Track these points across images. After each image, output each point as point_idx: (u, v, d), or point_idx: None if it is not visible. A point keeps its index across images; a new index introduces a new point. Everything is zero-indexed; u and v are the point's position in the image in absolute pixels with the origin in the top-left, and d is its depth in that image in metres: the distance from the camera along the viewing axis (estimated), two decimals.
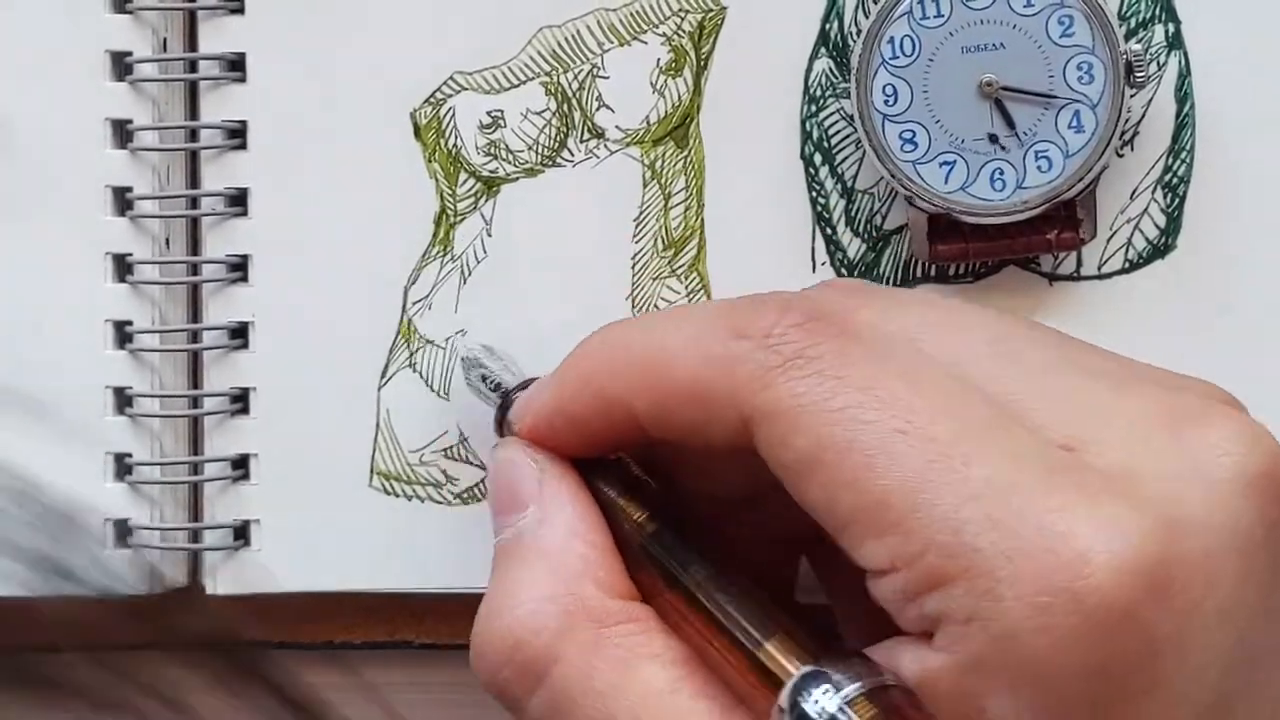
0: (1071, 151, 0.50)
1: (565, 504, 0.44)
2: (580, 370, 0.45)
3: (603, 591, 0.43)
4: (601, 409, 0.44)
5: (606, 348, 0.45)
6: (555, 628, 0.42)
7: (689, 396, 0.41)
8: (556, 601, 0.43)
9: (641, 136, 0.53)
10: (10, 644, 0.55)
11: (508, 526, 0.45)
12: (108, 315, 0.53)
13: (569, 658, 0.42)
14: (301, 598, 0.54)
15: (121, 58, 0.53)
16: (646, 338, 0.43)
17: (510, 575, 0.44)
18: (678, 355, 0.42)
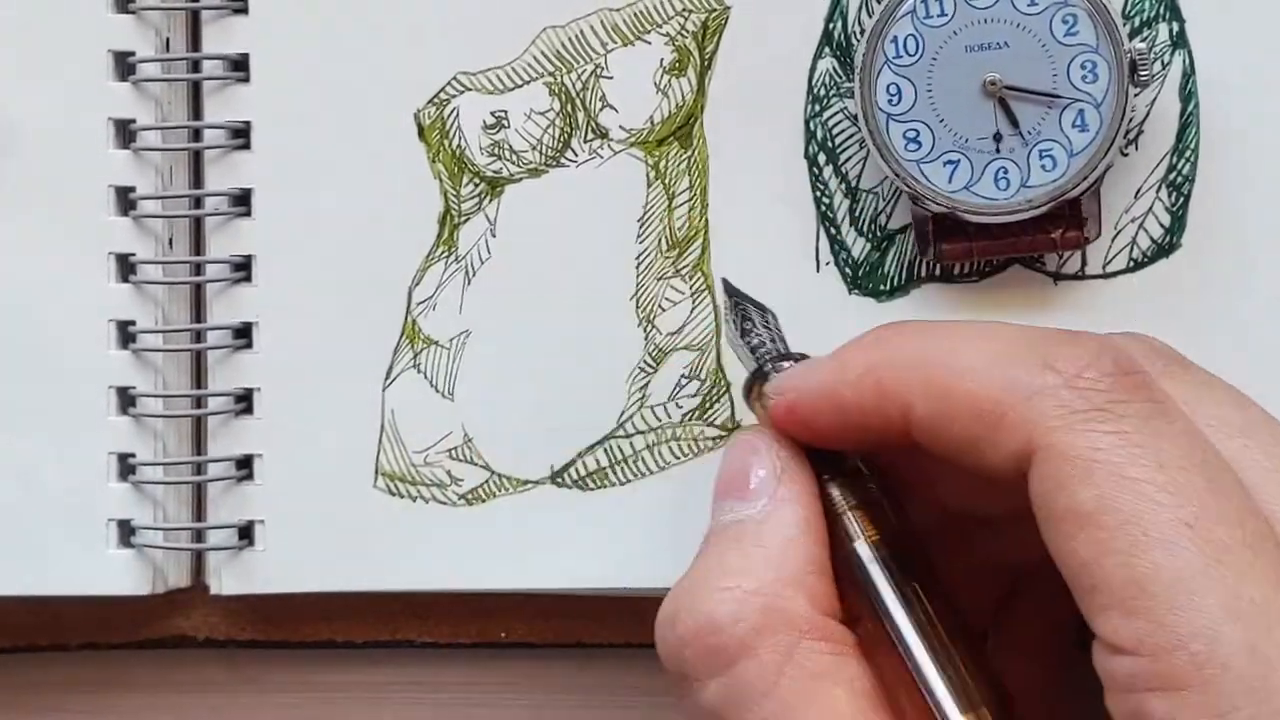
0: (1076, 150, 0.50)
1: (796, 505, 0.43)
2: (864, 359, 0.43)
3: (811, 603, 0.42)
4: (876, 403, 0.42)
5: (897, 343, 0.43)
6: (756, 623, 0.41)
7: (978, 412, 0.40)
8: (764, 597, 0.42)
9: (645, 136, 0.53)
10: (18, 643, 0.55)
11: (732, 511, 0.44)
12: (111, 315, 0.54)
13: (761, 656, 0.41)
14: (305, 598, 0.54)
15: (125, 58, 0.53)
16: (943, 343, 0.42)
17: (723, 558, 0.43)
18: (977, 368, 0.40)
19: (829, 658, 0.41)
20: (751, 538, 0.43)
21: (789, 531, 0.43)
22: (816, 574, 0.42)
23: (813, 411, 0.44)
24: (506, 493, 0.53)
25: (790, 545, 0.42)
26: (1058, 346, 0.40)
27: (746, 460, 0.44)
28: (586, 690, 0.56)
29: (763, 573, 0.42)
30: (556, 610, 0.54)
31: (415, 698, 0.56)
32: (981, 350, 0.41)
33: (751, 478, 0.44)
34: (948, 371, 0.41)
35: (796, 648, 0.41)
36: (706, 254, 0.53)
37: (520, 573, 0.53)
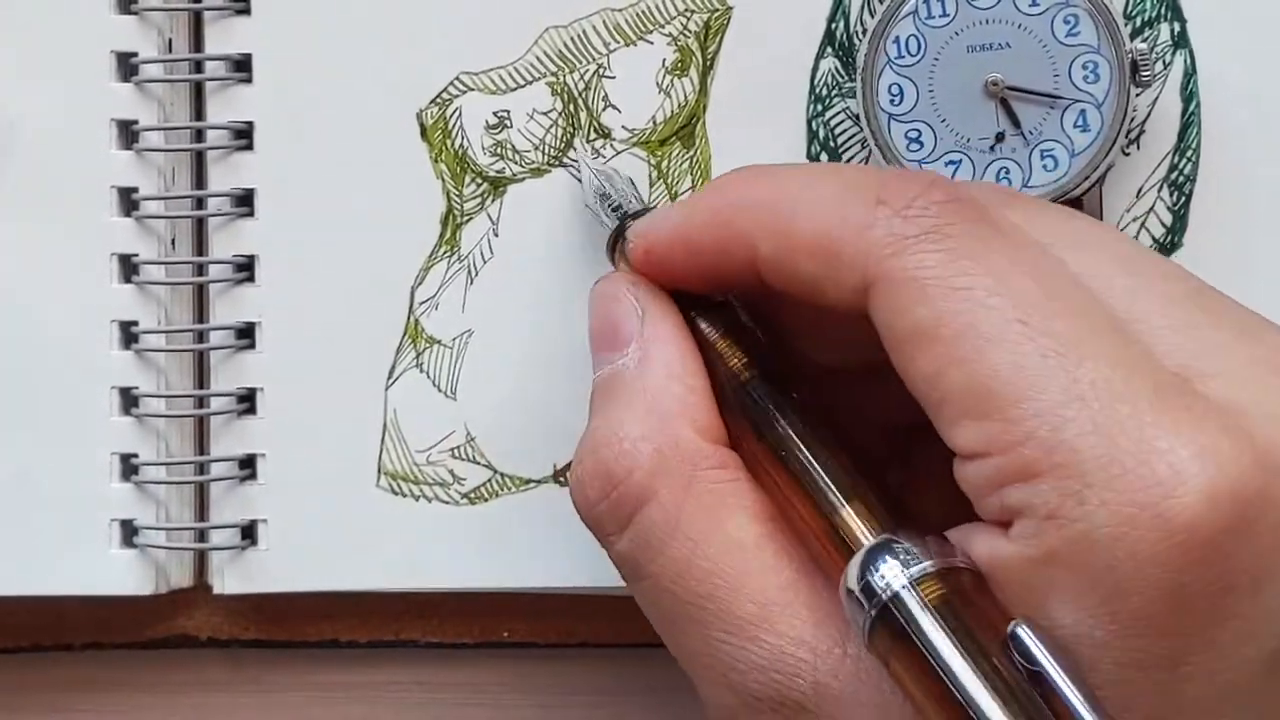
0: (1077, 150, 0.50)
1: (666, 343, 0.44)
2: (711, 202, 0.44)
3: (698, 434, 0.43)
4: (724, 243, 0.43)
5: (742, 185, 0.44)
6: (649, 467, 0.42)
7: (816, 248, 0.41)
8: (651, 441, 0.43)
9: (648, 136, 0.53)
10: (21, 644, 0.55)
11: (607, 363, 0.45)
12: (114, 316, 0.54)
13: (660, 498, 0.42)
14: (308, 597, 0.54)
15: (127, 58, 0.53)
16: (784, 183, 0.43)
17: (607, 412, 0.44)
18: (814, 206, 0.42)
19: (725, 485, 0.42)
20: (630, 385, 0.44)
21: (662, 370, 0.44)
22: (698, 405, 0.43)
23: (667, 254, 0.45)
24: (509, 492, 0.53)
25: (668, 383, 0.44)
26: (890, 182, 0.41)
27: (609, 309, 0.45)
28: (590, 690, 0.56)
29: (645, 417, 0.43)
30: (559, 610, 0.54)
31: (418, 697, 0.56)
32: (819, 190, 0.42)
33: (618, 326, 0.45)
34: (787, 212, 0.42)
35: (692, 481, 0.42)
36: None
37: (523, 572, 0.53)
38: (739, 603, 0.41)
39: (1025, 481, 0.37)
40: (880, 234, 0.40)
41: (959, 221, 0.40)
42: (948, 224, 0.40)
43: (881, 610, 0.38)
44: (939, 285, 0.39)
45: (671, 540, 0.42)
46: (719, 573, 0.41)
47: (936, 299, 0.39)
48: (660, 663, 0.44)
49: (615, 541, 0.43)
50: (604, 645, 0.55)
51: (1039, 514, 0.37)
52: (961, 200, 0.41)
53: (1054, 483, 0.37)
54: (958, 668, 0.37)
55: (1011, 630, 0.37)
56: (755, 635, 0.41)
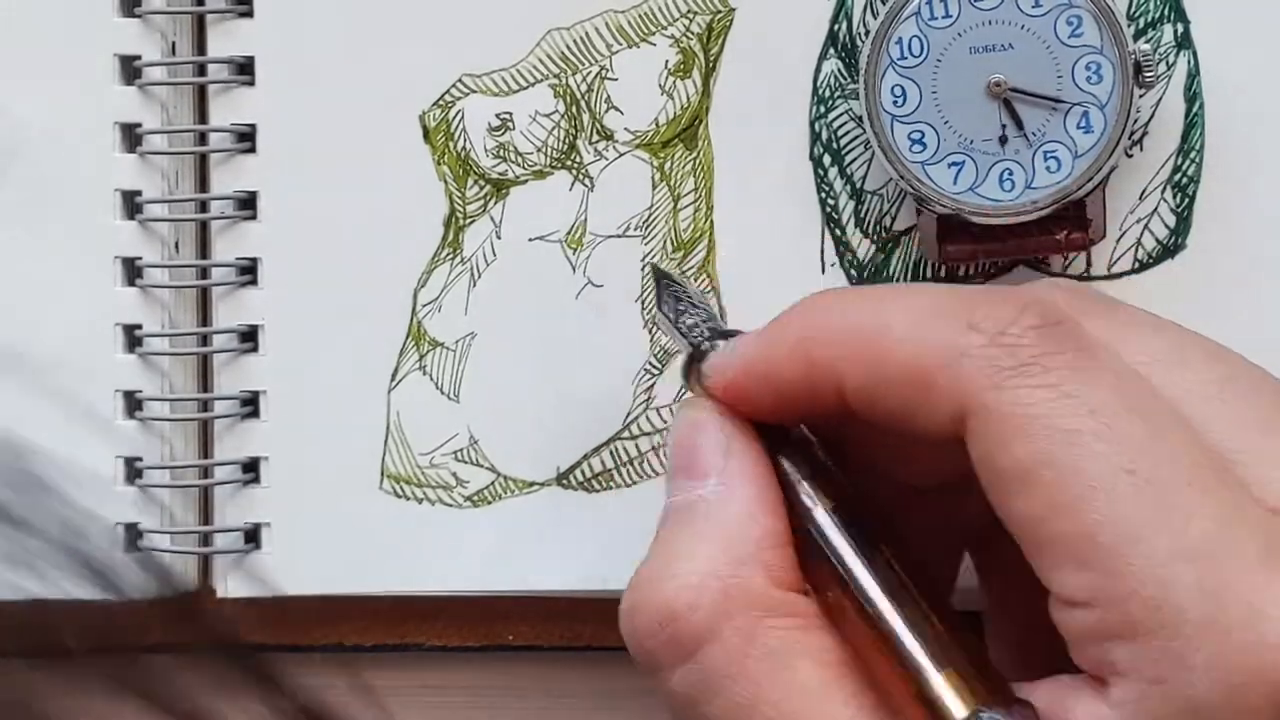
0: (1080, 152, 0.50)
1: (749, 482, 0.42)
2: (792, 333, 0.42)
3: (770, 580, 0.41)
4: (808, 377, 0.42)
5: (823, 314, 0.42)
6: (715, 606, 0.41)
7: (907, 379, 0.40)
8: (721, 579, 0.41)
9: (650, 138, 0.53)
10: (28, 647, 0.55)
11: (684, 491, 0.43)
12: (117, 319, 0.54)
13: (724, 639, 0.40)
14: (312, 601, 0.54)
15: (130, 61, 0.53)
16: (868, 310, 0.41)
17: (678, 542, 0.42)
18: (902, 334, 0.40)
19: (793, 633, 0.41)
20: (706, 519, 0.42)
21: (741, 508, 0.42)
22: (774, 548, 0.42)
23: (749, 389, 0.43)
24: (512, 494, 0.53)
25: (744, 522, 0.42)
26: (980, 305, 0.40)
27: (693, 438, 0.44)
28: (594, 693, 0.55)
29: (717, 554, 0.41)
30: (563, 613, 0.54)
31: (422, 701, 0.56)
32: (906, 315, 0.40)
33: (700, 455, 0.43)
34: (875, 340, 0.41)
35: (758, 627, 0.41)
36: (712, 255, 0.53)
37: (526, 574, 0.53)
38: None
39: (1129, 640, 0.36)
40: (977, 364, 0.39)
41: (1059, 352, 0.39)
42: (1046, 354, 0.38)
43: None
44: (1041, 425, 0.38)
45: (734, 683, 0.40)
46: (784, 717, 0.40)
47: (1040, 438, 0.38)
48: None
49: (669, 677, 0.41)
50: (608, 648, 0.54)
51: (1146, 677, 0.36)
52: (1058, 324, 0.39)
53: (1160, 644, 0.36)
54: None
55: None
56: None
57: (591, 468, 0.53)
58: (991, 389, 0.38)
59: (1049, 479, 0.37)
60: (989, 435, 0.38)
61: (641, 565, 0.42)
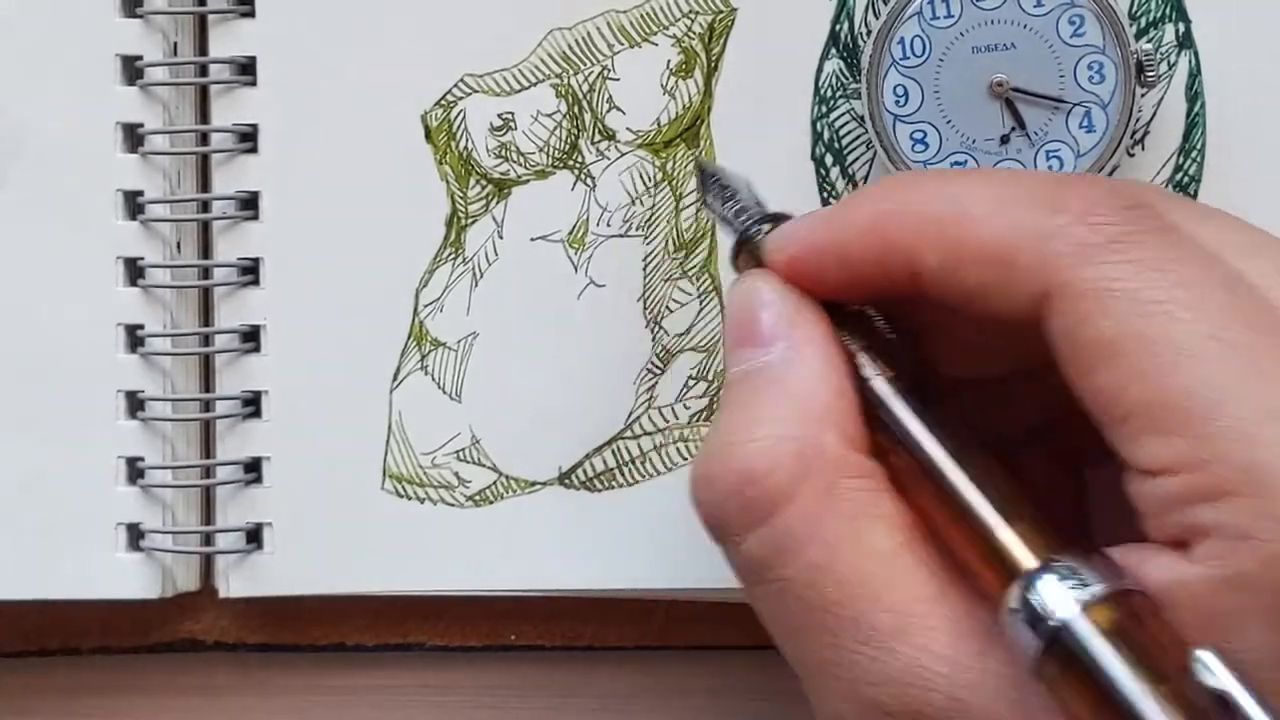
0: (1082, 151, 0.50)
1: (816, 347, 0.42)
2: (869, 211, 0.42)
3: (844, 442, 0.41)
4: (882, 255, 0.41)
5: (901, 192, 0.42)
6: (792, 468, 0.40)
7: (990, 258, 0.40)
8: (797, 442, 0.41)
9: (652, 138, 0.53)
10: (29, 647, 0.56)
11: (746, 360, 0.43)
12: (119, 319, 0.54)
13: (801, 502, 0.40)
14: (314, 600, 0.54)
15: (132, 62, 0.53)
16: (950, 191, 0.41)
17: (750, 408, 0.42)
18: (986, 214, 0.40)
19: (867, 494, 0.41)
20: (775, 383, 0.42)
21: (812, 371, 0.42)
22: (846, 412, 0.42)
23: (816, 266, 0.43)
24: (514, 494, 0.53)
25: (816, 385, 0.42)
26: (1067, 188, 0.40)
27: (754, 307, 0.43)
28: (596, 693, 0.56)
29: (791, 416, 0.41)
30: (566, 612, 0.54)
31: (425, 700, 0.56)
32: (989, 196, 0.40)
33: (763, 323, 0.43)
34: (957, 220, 0.40)
35: (834, 488, 0.40)
36: (714, 255, 0.53)
37: (528, 574, 0.53)
38: (875, 613, 0.39)
39: (1216, 500, 0.36)
40: (1063, 242, 0.39)
41: (1145, 230, 0.39)
42: (1134, 232, 0.39)
43: (1051, 637, 0.37)
44: (1126, 297, 0.38)
45: (809, 545, 0.40)
46: (857, 581, 0.40)
47: (1126, 311, 0.38)
48: (667, 666, 0.44)
49: (741, 541, 0.41)
50: (611, 648, 0.55)
51: (1230, 534, 0.36)
52: (1145, 206, 0.39)
53: (1249, 502, 0.36)
54: (1138, 699, 0.36)
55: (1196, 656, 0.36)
56: (891, 646, 0.39)
57: (594, 467, 0.53)
58: (1076, 266, 0.38)
59: (1132, 348, 0.37)
60: (1074, 311, 0.38)
61: (710, 436, 0.42)
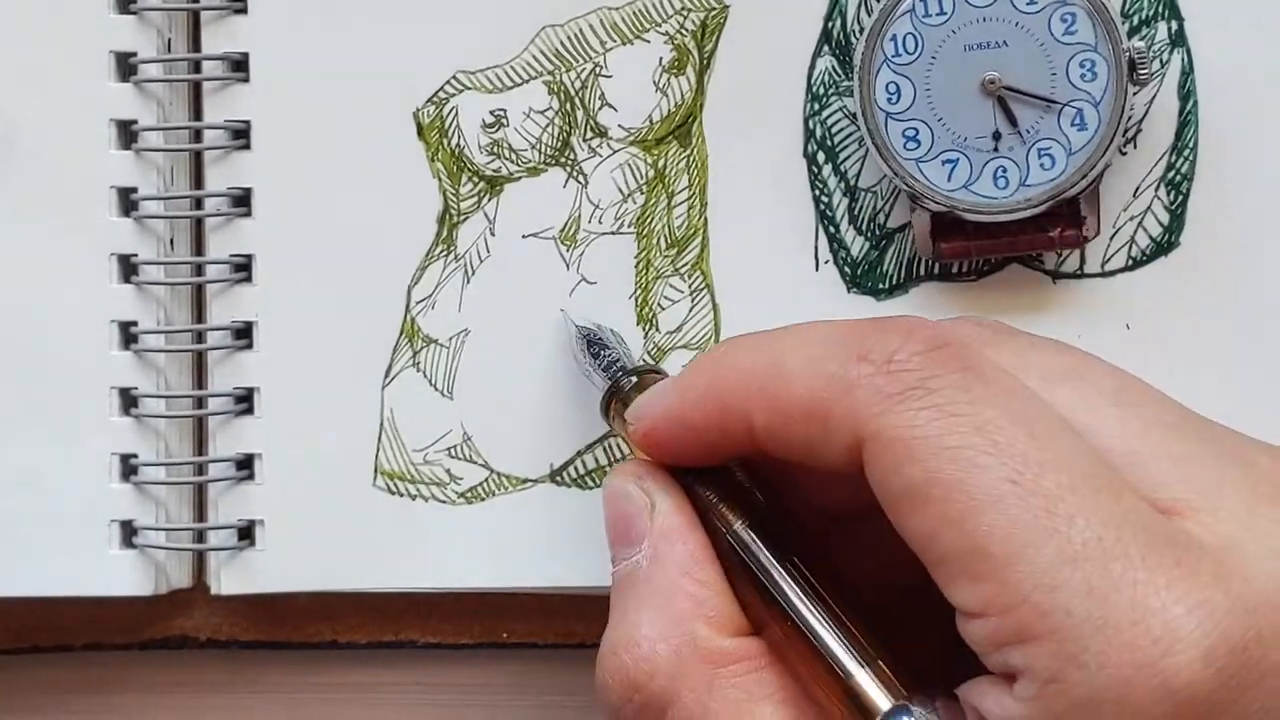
0: (1074, 149, 0.50)
1: (676, 540, 0.44)
2: (703, 380, 0.44)
3: (714, 630, 0.43)
4: (721, 420, 0.43)
5: (730, 359, 0.44)
6: (669, 670, 0.42)
7: (806, 414, 0.41)
8: (669, 643, 0.43)
9: (644, 135, 0.53)
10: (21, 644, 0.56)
11: (623, 559, 0.45)
12: (112, 316, 0.54)
13: (683, 701, 0.42)
14: (306, 597, 0.54)
15: (126, 58, 0.53)
16: (769, 352, 0.43)
17: (626, 612, 0.44)
18: (798, 373, 0.42)
19: (748, 678, 0.42)
20: (644, 584, 0.44)
21: (674, 568, 0.44)
22: (713, 597, 0.43)
23: (667, 435, 0.45)
24: (506, 491, 0.53)
25: (680, 581, 0.44)
26: (869, 336, 0.41)
27: (621, 506, 0.45)
28: (588, 690, 0.55)
29: (662, 618, 0.43)
30: (557, 609, 0.54)
31: (417, 698, 0.56)
32: (802, 353, 0.42)
33: (630, 523, 0.45)
34: (775, 379, 0.42)
35: (714, 679, 0.42)
36: (706, 252, 0.53)
37: (520, 571, 0.53)
38: None
39: (1023, 644, 0.38)
40: (865, 393, 0.40)
41: (943, 373, 0.40)
42: (931, 377, 0.40)
43: None
44: (927, 445, 0.39)
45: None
46: None
47: (926, 458, 0.39)
48: None
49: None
50: None
51: (1040, 677, 0.37)
52: (943, 347, 0.41)
53: (1052, 646, 0.37)
54: None
55: None
56: None
57: (585, 464, 0.53)
58: (880, 415, 0.40)
59: (938, 496, 0.39)
60: (882, 460, 0.40)
61: (604, 636, 0.44)
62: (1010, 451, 0.39)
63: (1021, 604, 0.37)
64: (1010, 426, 0.39)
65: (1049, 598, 0.37)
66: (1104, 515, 0.38)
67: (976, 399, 0.39)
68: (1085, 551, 0.37)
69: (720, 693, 0.42)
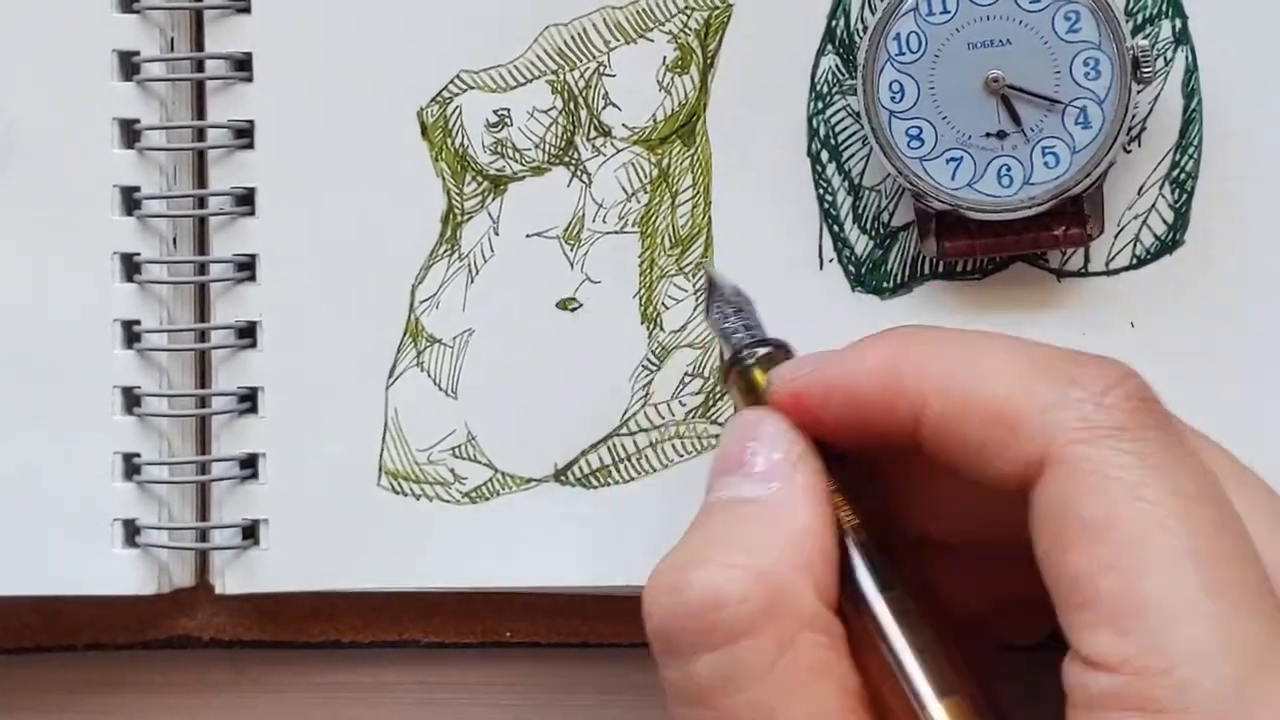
0: (1078, 147, 0.50)
1: (812, 493, 0.43)
2: (882, 353, 0.42)
3: (816, 595, 0.41)
4: (891, 397, 0.42)
5: (917, 341, 0.43)
6: (762, 604, 0.40)
7: (996, 416, 0.40)
8: (773, 582, 0.41)
9: (648, 134, 0.53)
10: (24, 644, 0.55)
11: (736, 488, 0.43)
12: (116, 315, 0.54)
13: (762, 639, 0.40)
14: (310, 597, 0.54)
15: (129, 57, 0.53)
16: (964, 346, 0.42)
17: (731, 533, 0.42)
18: (1000, 373, 0.41)
19: (825, 652, 0.41)
20: (765, 520, 0.42)
21: (804, 521, 0.42)
22: (825, 564, 0.42)
23: (822, 400, 0.43)
24: (510, 491, 0.53)
25: (804, 535, 0.42)
26: (1083, 365, 0.40)
27: (754, 437, 0.43)
28: (593, 690, 0.56)
29: (775, 555, 0.41)
30: (561, 609, 0.54)
31: (420, 698, 0.56)
32: (1006, 360, 0.41)
33: (760, 457, 0.43)
34: (971, 374, 0.41)
35: (797, 636, 0.40)
36: (709, 252, 0.53)
37: (524, 571, 0.53)
38: None
39: (1146, 712, 0.37)
40: (1071, 416, 0.39)
41: (1153, 426, 0.39)
42: (1141, 425, 0.39)
43: None
44: (1122, 487, 0.38)
45: (757, 684, 0.40)
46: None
47: (1117, 500, 0.38)
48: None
49: (690, 660, 0.41)
50: (606, 645, 0.55)
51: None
52: (1154, 402, 0.40)
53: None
54: None
55: None
56: None
57: (589, 464, 0.53)
58: (1081, 442, 0.39)
59: (1114, 539, 0.38)
60: (1065, 485, 0.39)
61: (680, 546, 0.42)
62: (1198, 525, 0.38)
63: (1164, 673, 0.37)
64: (1203, 501, 0.38)
65: (1196, 678, 0.36)
66: (1266, 621, 0.37)
67: (1179, 463, 0.39)
68: (1245, 649, 0.37)
69: (797, 652, 0.40)
